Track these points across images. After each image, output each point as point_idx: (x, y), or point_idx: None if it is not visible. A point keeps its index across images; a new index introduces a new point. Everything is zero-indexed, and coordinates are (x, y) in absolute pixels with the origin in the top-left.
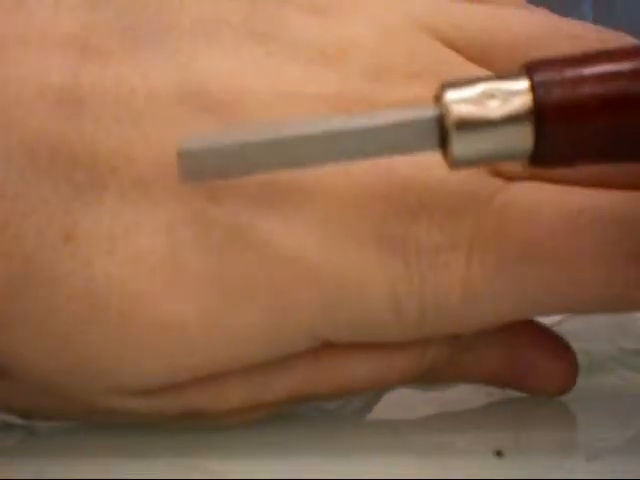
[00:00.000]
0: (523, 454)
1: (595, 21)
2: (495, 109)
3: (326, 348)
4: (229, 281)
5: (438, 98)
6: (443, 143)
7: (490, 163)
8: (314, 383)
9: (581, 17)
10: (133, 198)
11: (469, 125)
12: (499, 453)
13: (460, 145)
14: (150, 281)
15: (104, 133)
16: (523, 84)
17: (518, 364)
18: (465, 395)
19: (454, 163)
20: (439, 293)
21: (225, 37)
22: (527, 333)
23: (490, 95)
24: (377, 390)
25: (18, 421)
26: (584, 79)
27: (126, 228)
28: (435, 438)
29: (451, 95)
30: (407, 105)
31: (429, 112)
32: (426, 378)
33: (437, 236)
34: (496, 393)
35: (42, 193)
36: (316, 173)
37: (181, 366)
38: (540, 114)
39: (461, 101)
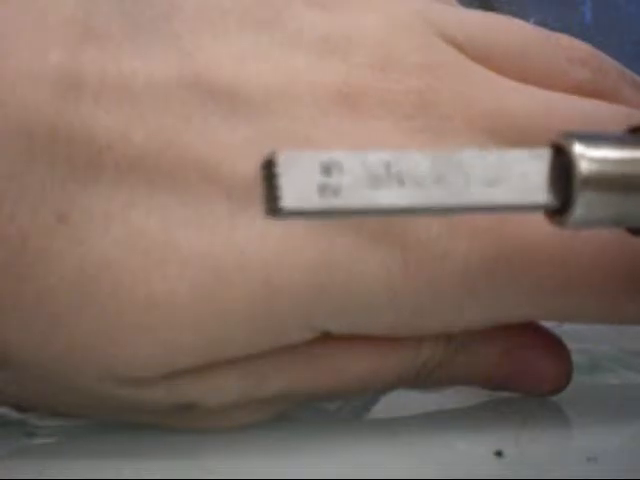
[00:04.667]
0: (523, 454)
1: (595, 21)
2: (626, 170)
3: (322, 343)
4: (221, 262)
5: (562, 149)
6: (562, 200)
7: (607, 228)
8: (309, 380)
9: (581, 17)
10: (129, 178)
11: (597, 184)
12: (499, 453)
13: (583, 206)
14: (143, 261)
15: (103, 113)
16: None
17: (513, 365)
18: (465, 395)
19: (571, 224)
20: (437, 282)
21: (228, 24)
22: (521, 332)
23: (623, 156)
24: (373, 391)
25: (14, 414)
26: None
27: (121, 208)
28: (434, 438)
29: (578, 148)
30: (520, 149)
31: (549, 162)
32: (421, 381)
33: (436, 226)
34: (496, 393)
35: (38, 172)
36: None
37: (174, 347)
38: None
39: (589, 157)
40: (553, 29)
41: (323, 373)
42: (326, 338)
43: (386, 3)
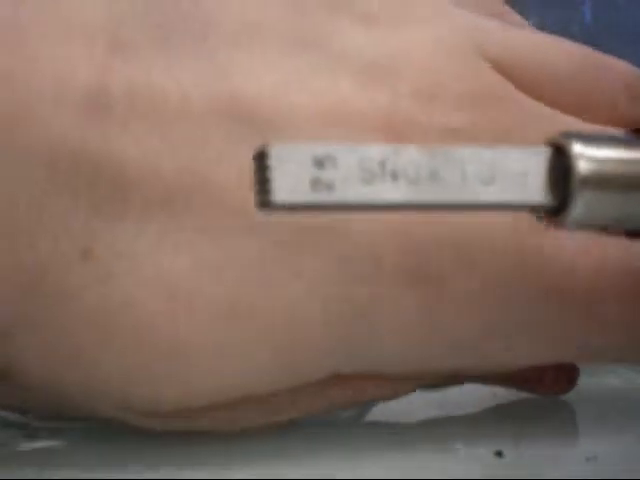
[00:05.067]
0: (523, 454)
1: (594, 21)
2: (625, 170)
3: (335, 380)
4: (247, 313)
5: (560, 149)
6: (560, 200)
7: (607, 228)
8: (321, 407)
9: (581, 17)
10: (157, 214)
11: (596, 184)
12: (499, 453)
13: (582, 206)
14: (169, 304)
15: (131, 142)
16: None
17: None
18: (465, 396)
19: (569, 224)
20: (460, 330)
21: (268, 43)
22: None
23: (622, 156)
24: None
25: (14, 416)
26: None
27: (148, 247)
28: (435, 439)
29: (577, 148)
30: (518, 148)
31: (547, 162)
32: (432, 387)
33: (471, 281)
34: (496, 394)
35: (60, 204)
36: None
37: (195, 390)
38: None
39: (588, 156)
40: (553, 29)
41: (335, 402)
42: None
43: (432, 21)
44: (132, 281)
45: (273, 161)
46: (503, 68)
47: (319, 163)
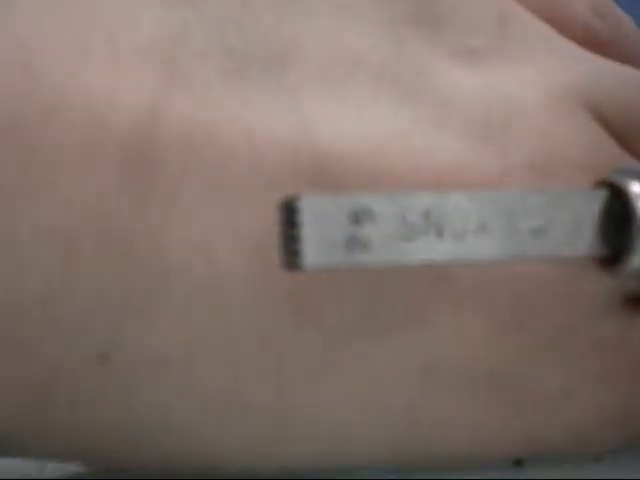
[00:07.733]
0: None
1: None
2: None
3: None
4: (282, 416)
5: (617, 189)
6: (617, 248)
7: None
8: None
9: None
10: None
11: None
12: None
13: None
14: (202, 413)
15: (177, 224)
16: None
17: None
18: None
19: (627, 274)
20: None
21: (359, 85)
22: None
23: None
24: None
25: None
26: None
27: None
28: None
29: (636, 187)
30: (571, 191)
31: (602, 206)
32: None
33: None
34: None
35: (82, 290)
36: None
37: None
38: None
39: None
40: None
41: None
42: None
43: (545, 63)
44: (161, 391)
45: (304, 217)
46: (612, 128)
47: (355, 218)
